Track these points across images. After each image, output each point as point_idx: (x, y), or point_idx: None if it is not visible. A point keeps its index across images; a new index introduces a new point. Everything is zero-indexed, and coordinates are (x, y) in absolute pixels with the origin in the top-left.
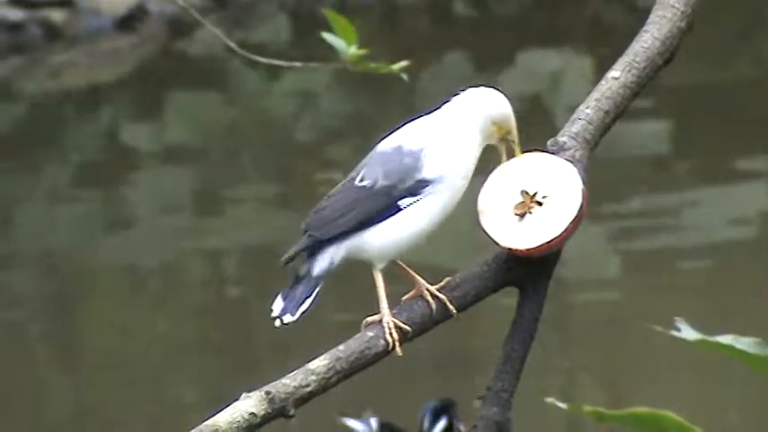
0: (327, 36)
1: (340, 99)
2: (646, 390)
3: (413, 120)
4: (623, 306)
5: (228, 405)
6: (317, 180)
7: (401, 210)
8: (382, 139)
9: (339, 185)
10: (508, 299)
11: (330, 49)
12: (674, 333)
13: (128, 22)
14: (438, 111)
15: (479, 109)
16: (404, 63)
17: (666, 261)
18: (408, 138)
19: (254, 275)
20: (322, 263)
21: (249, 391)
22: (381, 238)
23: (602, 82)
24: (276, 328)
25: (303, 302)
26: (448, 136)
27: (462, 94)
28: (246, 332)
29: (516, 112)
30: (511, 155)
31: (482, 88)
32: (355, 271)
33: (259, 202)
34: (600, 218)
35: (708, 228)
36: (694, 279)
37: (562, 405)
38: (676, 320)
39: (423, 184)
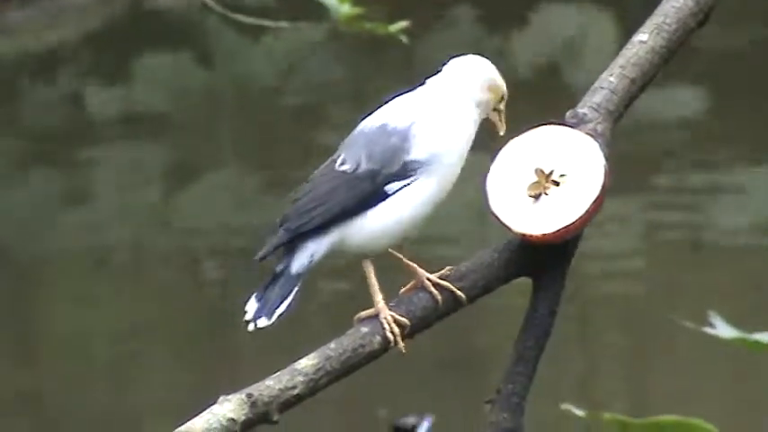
0: None
1: (331, 64)
2: (674, 391)
3: (399, 95)
4: (649, 297)
5: (204, 409)
6: (302, 154)
7: (388, 196)
8: (366, 116)
9: (319, 169)
10: (521, 290)
11: (321, 7)
12: (708, 330)
13: None
14: (425, 84)
15: (473, 77)
16: (403, 23)
17: (698, 247)
18: (394, 114)
19: (231, 259)
20: (301, 259)
21: (228, 394)
22: (367, 230)
23: (628, 46)
24: (250, 332)
25: (280, 305)
26: (439, 110)
27: (450, 64)
28: (223, 325)
29: (531, 81)
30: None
31: (470, 56)
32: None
33: (238, 178)
34: (624, 198)
35: (746, 211)
36: (729, 267)
37: (579, 412)
38: (710, 316)
39: (412, 166)
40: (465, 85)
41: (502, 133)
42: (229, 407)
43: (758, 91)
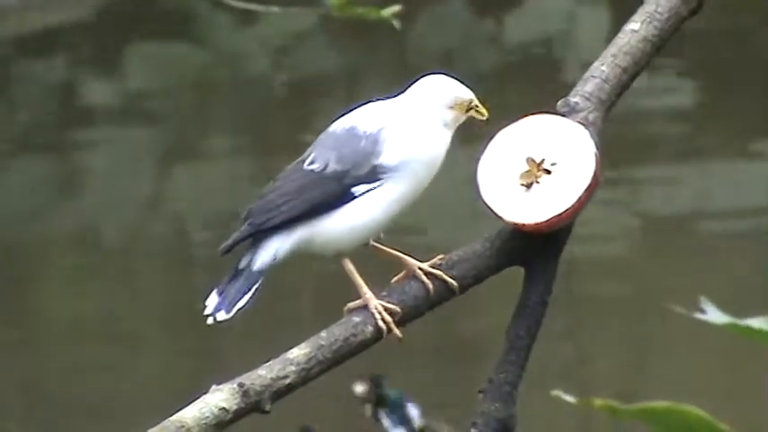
0: None
1: (323, 50)
2: (666, 378)
3: (368, 102)
4: (640, 284)
5: (196, 398)
6: (295, 141)
7: (354, 197)
8: (338, 118)
9: (287, 168)
10: (513, 279)
11: None
12: (699, 316)
13: None
14: (395, 98)
15: (435, 100)
16: (395, 8)
17: (689, 234)
18: (365, 119)
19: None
20: (265, 256)
21: (220, 383)
22: (332, 229)
23: (620, 35)
24: (209, 326)
25: (240, 300)
26: (410, 119)
27: (415, 84)
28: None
29: (522, 68)
30: (478, 119)
31: (431, 77)
32: None
33: (231, 165)
34: (615, 186)
35: (736, 198)
36: (720, 253)
37: (570, 399)
38: (701, 301)
39: (380, 171)
40: (430, 108)
41: (485, 118)
42: (221, 396)
43: (748, 78)
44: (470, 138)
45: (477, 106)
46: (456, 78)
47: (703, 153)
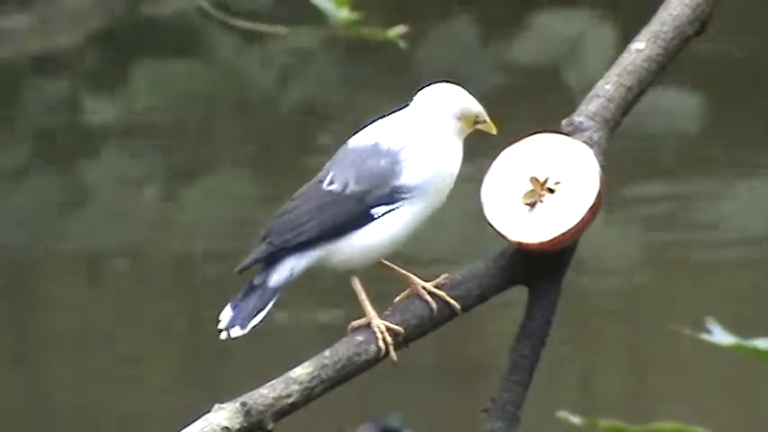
0: None
1: (329, 70)
2: (672, 399)
3: (381, 117)
4: (645, 304)
5: (199, 417)
6: (299, 160)
7: (374, 219)
8: (353, 134)
9: (305, 187)
10: (517, 298)
11: (319, 12)
12: (705, 337)
13: None
14: (404, 110)
15: (444, 109)
16: (401, 29)
17: (694, 255)
18: (384, 136)
19: (228, 264)
20: (281, 273)
21: (223, 402)
22: (350, 249)
23: (625, 54)
24: (222, 341)
25: (255, 315)
26: (427, 136)
27: (420, 94)
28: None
29: (527, 87)
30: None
31: (440, 85)
32: None
33: (235, 184)
34: (620, 206)
35: (741, 218)
36: (726, 274)
37: (576, 420)
38: (707, 322)
39: (400, 191)
40: (439, 116)
41: (494, 132)
42: (224, 415)
43: (754, 101)
44: (474, 157)
45: (485, 121)
46: (463, 88)
47: (709, 173)
